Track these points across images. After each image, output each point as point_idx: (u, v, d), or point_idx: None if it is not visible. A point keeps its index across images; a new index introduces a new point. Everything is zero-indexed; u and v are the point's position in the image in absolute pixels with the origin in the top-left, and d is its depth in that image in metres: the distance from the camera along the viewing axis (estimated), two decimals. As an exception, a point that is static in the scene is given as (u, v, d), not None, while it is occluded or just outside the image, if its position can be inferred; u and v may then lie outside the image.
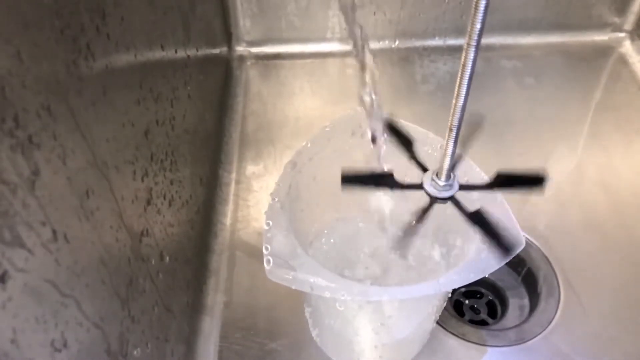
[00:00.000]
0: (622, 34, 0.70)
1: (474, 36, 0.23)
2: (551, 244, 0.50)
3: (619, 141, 0.59)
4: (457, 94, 0.26)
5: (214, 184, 0.54)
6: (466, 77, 0.25)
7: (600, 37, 0.70)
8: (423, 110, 0.62)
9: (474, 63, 0.24)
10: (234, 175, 0.57)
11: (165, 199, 0.38)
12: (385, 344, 0.40)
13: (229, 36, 0.68)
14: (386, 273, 0.42)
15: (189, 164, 0.44)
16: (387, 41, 0.69)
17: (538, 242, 0.50)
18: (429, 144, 0.36)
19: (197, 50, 0.50)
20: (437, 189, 0.30)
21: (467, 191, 0.30)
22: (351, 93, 0.61)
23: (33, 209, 0.20)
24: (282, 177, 0.36)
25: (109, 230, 0.27)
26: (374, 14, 0.66)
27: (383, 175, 0.32)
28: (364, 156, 0.33)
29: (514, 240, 0.28)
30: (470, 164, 0.35)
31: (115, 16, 0.29)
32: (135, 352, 0.30)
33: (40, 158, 0.21)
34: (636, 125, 0.61)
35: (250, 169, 0.57)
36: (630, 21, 0.70)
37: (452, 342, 0.44)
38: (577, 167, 0.57)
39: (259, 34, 0.68)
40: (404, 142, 0.33)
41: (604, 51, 0.70)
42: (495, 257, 0.28)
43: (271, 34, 0.68)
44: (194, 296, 0.45)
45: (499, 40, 0.69)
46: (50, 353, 0.21)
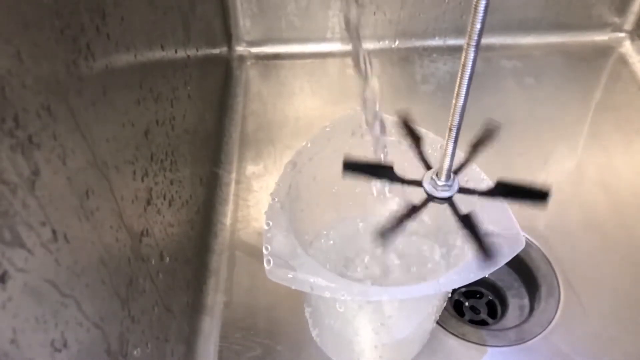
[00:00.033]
0: (622, 34, 0.70)
1: (474, 36, 0.23)
2: (551, 244, 0.50)
3: (619, 141, 0.59)
4: (457, 94, 0.26)
5: (214, 184, 0.54)
6: (466, 77, 0.25)
7: (600, 37, 0.70)
8: (423, 110, 0.62)
9: (474, 63, 0.24)
10: (234, 175, 0.57)
11: (165, 199, 0.38)
12: (385, 344, 0.40)
13: (229, 36, 0.68)
14: (386, 273, 0.42)
15: (189, 164, 0.44)
16: (387, 41, 0.69)
17: (538, 242, 0.50)
18: (429, 144, 0.36)
19: (197, 50, 0.50)
20: (436, 188, 0.30)
21: (466, 195, 0.30)
22: (351, 93, 0.61)
23: (33, 209, 0.20)
24: (282, 177, 0.36)
25: (109, 230, 0.27)
26: (374, 14, 0.66)
27: (384, 167, 0.32)
28: (364, 156, 0.33)
29: (496, 250, 0.28)
30: (477, 169, 0.35)
31: (115, 16, 0.29)
32: (135, 352, 0.30)
33: (40, 158, 0.21)
34: (636, 125, 0.61)
35: (250, 169, 0.57)
36: (630, 21, 0.70)
37: (452, 342, 0.44)
38: (577, 167, 0.57)
39: (259, 34, 0.68)
40: (413, 138, 0.33)
41: (604, 51, 0.70)
42: (479, 263, 0.28)
43: (271, 34, 0.68)
44: (194, 296, 0.45)
45: (499, 40, 0.69)
46: (50, 353, 0.21)
